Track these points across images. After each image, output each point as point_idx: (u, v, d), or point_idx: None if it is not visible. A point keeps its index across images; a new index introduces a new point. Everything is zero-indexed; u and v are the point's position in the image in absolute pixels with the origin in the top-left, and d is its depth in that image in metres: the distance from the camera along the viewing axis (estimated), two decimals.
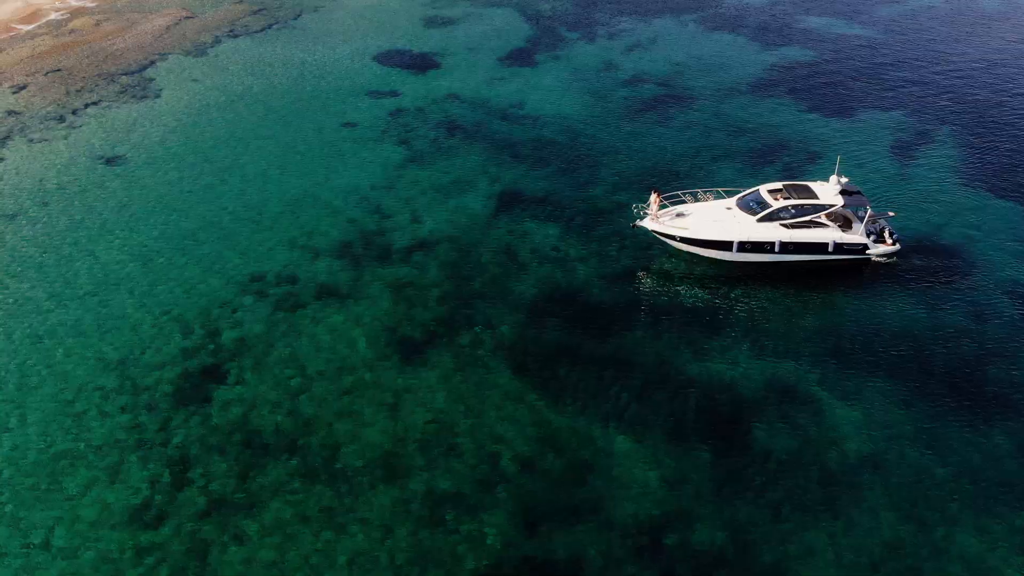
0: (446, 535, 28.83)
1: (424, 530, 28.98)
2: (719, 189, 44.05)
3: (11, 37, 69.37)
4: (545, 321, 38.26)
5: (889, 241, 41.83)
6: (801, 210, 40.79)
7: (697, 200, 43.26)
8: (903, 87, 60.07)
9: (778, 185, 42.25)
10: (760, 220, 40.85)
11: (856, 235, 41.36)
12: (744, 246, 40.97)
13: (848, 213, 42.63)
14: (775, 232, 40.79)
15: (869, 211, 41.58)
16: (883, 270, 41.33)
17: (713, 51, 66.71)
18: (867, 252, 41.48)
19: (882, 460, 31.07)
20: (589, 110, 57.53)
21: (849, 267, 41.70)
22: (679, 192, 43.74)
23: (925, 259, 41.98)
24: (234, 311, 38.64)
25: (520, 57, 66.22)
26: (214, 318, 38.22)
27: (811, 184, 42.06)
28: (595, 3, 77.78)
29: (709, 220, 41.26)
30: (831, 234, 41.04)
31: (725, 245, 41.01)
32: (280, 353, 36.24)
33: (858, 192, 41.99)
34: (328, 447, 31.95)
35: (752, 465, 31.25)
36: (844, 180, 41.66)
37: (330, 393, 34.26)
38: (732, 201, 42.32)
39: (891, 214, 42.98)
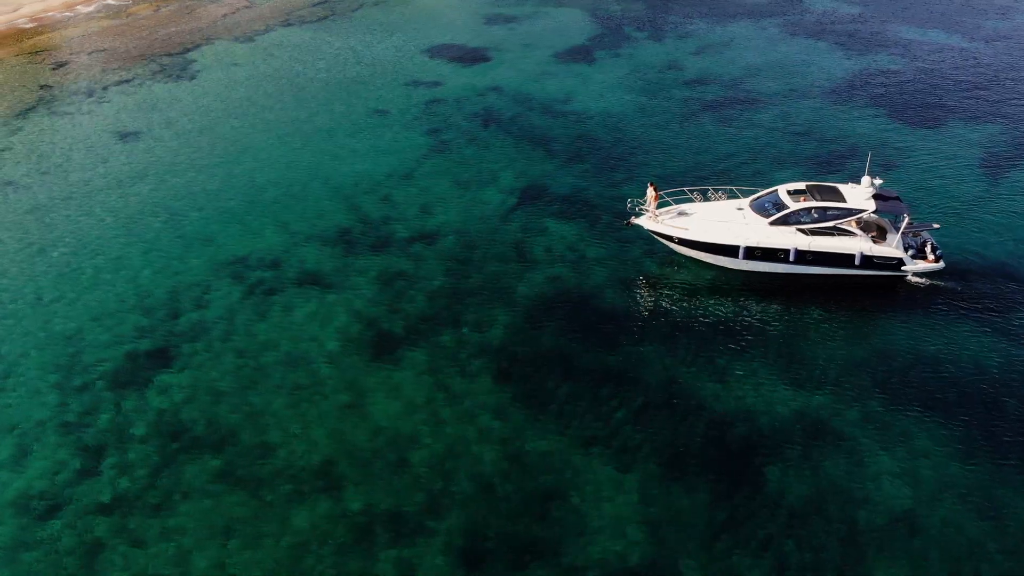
0: (371, 562, 24.04)
1: (347, 553, 24.28)
2: (734, 188, 38.23)
3: (68, 17, 69.20)
4: (544, 325, 33.25)
5: (931, 257, 35.03)
6: (824, 214, 34.60)
7: (707, 199, 37.58)
8: (1002, 102, 52.53)
9: (801, 185, 36.15)
10: (773, 223, 34.85)
11: (890, 247, 34.80)
12: (752, 252, 34.98)
13: (883, 222, 36.24)
14: (790, 238, 34.67)
15: (907, 220, 34.97)
16: (923, 291, 34.67)
17: (790, 55, 60.57)
18: (903, 268, 34.87)
19: (923, 521, 24.64)
20: (641, 108, 52.38)
21: (880, 285, 35.15)
22: (685, 189, 38.12)
23: (987, 283, 34.95)
24: (204, 292, 35.10)
25: (577, 54, 61.67)
26: (181, 298, 34.76)
27: (840, 186, 35.83)
28: (670, 6, 72.66)
29: (714, 221, 35.48)
30: (859, 244, 34.59)
31: (729, 250, 35.13)
32: (239, 340, 32.37)
33: (895, 197, 35.54)
34: (262, 447, 27.71)
35: (760, 512, 25.35)
36: (878, 182, 35.26)
37: (281, 387, 30.10)
38: (746, 201, 36.49)
39: (935, 225, 36.22)
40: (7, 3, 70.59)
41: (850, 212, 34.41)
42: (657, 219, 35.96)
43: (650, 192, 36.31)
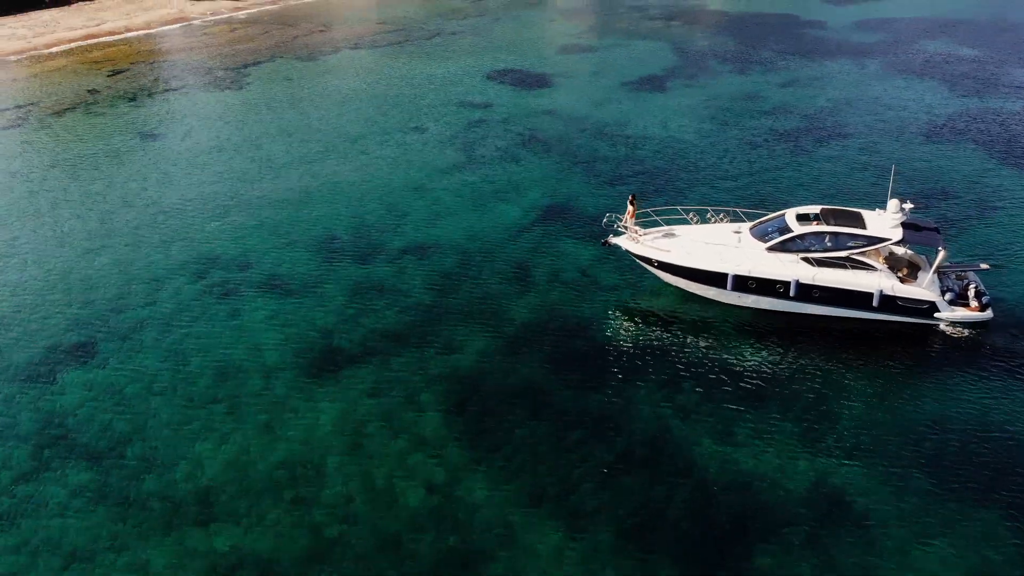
0: None
1: None
2: (740, 210, 31.90)
3: (147, 34, 69.60)
4: (523, 354, 27.75)
5: (974, 304, 27.77)
6: (837, 241, 27.87)
7: (706, 221, 31.46)
8: None
9: (814, 209, 29.64)
10: (771, 249, 28.34)
11: (919, 288, 27.70)
12: (744, 283, 28.54)
13: (919, 259, 29.40)
14: (791, 268, 28.06)
15: (941, 254, 27.86)
16: (965, 345, 27.34)
17: (888, 91, 53.50)
18: (936, 315, 27.70)
19: None
20: (706, 135, 46.60)
21: (905, 332, 27.96)
22: (679, 208, 32.12)
23: None
24: (156, 289, 31.51)
25: (648, 82, 56.56)
26: (131, 293, 31.28)
27: (864, 212, 29.14)
28: (764, 42, 66.77)
29: (701, 244, 29.33)
30: (878, 280, 27.62)
31: (715, 278, 28.84)
32: (172, 342, 28.37)
33: (933, 228, 28.67)
34: (147, 463, 23.26)
35: None
36: (908, 207, 28.30)
37: (195, 398, 25.72)
38: (747, 225, 30.23)
39: (983, 266, 29.08)
40: (93, 18, 71.92)
41: (869, 240, 27.69)
42: (638, 239, 30.22)
43: (629, 208, 30.81)
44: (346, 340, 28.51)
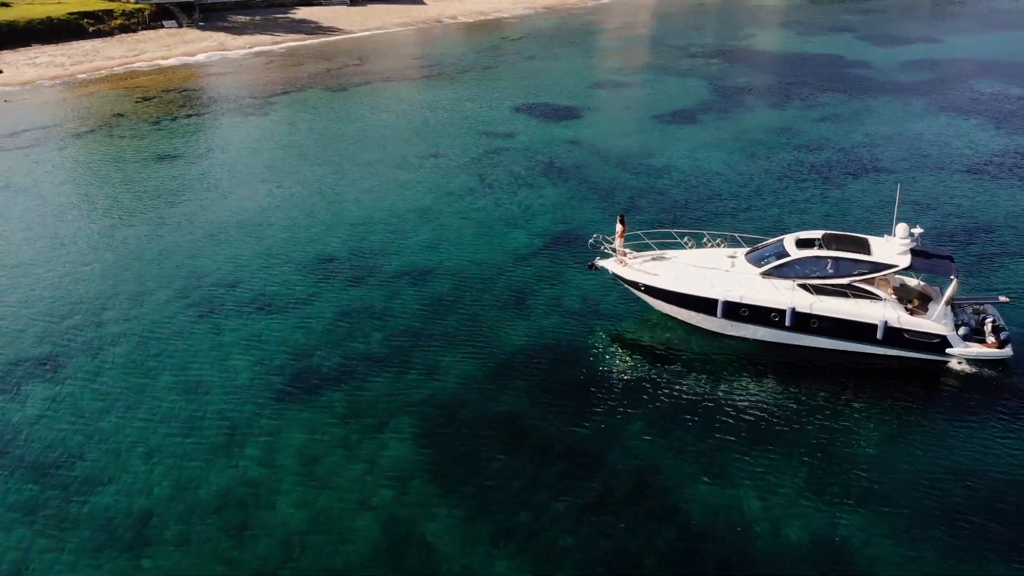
0: None
1: None
2: (739, 235, 29.70)
3: (180, 64, 70.24)
4: (510, 383, 25.75)
5: (992, 340, 24.93)
6: (838, 267, 25.36)
7: (702, 246, 29.37)
8: None
9: (816, 234, 27.17)
10: (766, 274, 25.94)
11: (929, 320, 24.94)
12: (735, 310, 26.13)
13: (931, 291, 26.75)
14: (787, 295, 25.61)
15: (954, 284, 25.21)
16: (980, 385, 24.45)
17: (929, 127, 50.89)
18: (948, 351, 24.92)
19: None
20: (734, 166, 44.50)
21: (915, 369, 25.21)
22: (673, 231, 30.05)
23: None
24: (138, 304, 30.34)
25: (679, 116, 54.82)
26: (111, 307, 30.15)
27: (869, 238, 26.61)
28: (804, 79, 64.66)
29: (691, 268, 27.06)
30: (882, 311, 24.94)
31: (704, 304, 26.51)
32: (144, 358, 27.05)
33: (945, 257, 26.00)
34: (92, 481, 21.73)
35: None
36: (917, 232, 25.69)
37: (157, 416, 24.23)
38: (744, 250, 27.96)
39: (1003, 299, 26.12)
40: (133, 48, 73.04)
41: (874, 267, 25.16)
42: (626, 262, 28.19)
43: (617, 227, 28.90)
44: (325, 362, 26.85)
